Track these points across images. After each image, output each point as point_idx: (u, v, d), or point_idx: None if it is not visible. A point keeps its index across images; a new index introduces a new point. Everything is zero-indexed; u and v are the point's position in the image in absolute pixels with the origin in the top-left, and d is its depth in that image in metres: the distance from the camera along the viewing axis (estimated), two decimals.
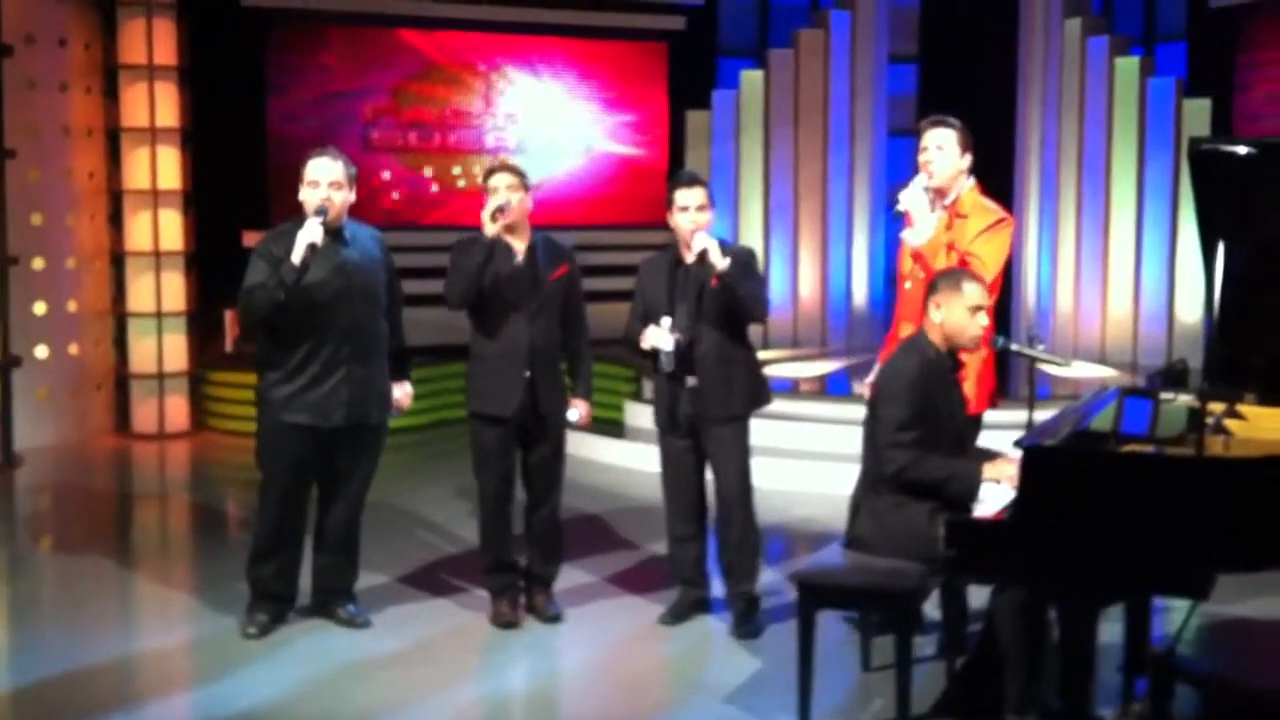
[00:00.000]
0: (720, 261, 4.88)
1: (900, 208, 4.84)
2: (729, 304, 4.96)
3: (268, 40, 10.54)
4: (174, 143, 9.34)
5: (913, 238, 4.81)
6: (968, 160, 4.90)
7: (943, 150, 4.85)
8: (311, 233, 4.76)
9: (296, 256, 4.74)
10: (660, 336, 4.96)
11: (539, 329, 5.11)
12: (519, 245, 5.09)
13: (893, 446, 4.20)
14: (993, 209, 4.89)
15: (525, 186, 5.08)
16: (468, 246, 5.07)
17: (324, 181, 4.89)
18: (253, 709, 4.38)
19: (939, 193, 4.87)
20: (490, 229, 4.97)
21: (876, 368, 5.01)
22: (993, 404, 4.92)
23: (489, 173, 5.12)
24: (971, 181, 4.92)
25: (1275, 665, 4.91)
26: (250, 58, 10.42)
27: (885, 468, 4.22)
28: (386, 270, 5.13)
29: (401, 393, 5.27)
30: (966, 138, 4.90)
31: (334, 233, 4.92)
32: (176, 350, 9.38)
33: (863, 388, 5.14)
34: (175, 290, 9.37)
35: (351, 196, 4.99)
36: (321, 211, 4.82)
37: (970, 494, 4.09)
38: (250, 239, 8.86)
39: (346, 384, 4.94)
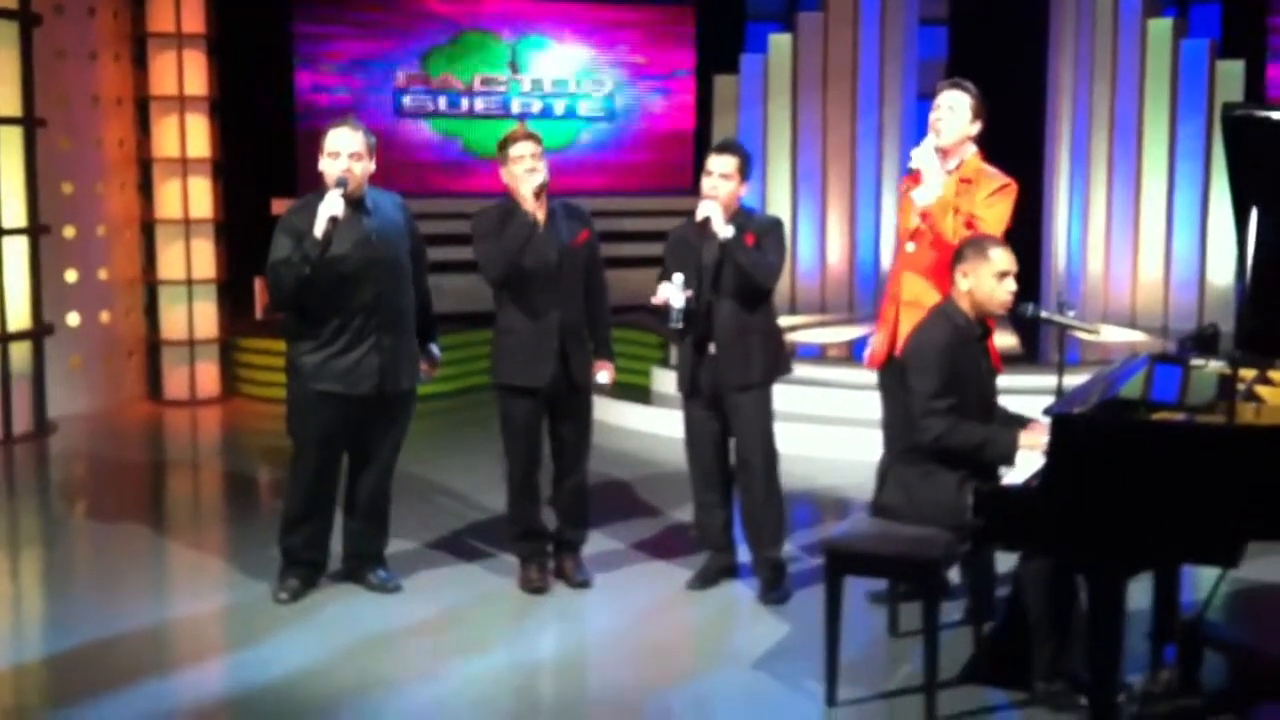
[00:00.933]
0: (722, 230, 4.87)
1: (913, 164, 4.82)
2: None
3: (295, 9, 10.55)
4: (203, 111, 9.36)
5: (921, 196, 4.78)
6: (977, 127, 4.89)
7: (954, 111, 4.84)
8: (332, 205, 4.75)
9: (318, 230, 4.74)
10: (671, 291, 4.94)
11: (567, 298, 5.11)
12: (540, 214, 5.07)
13: (928, 415, 4.20)
14: (998, 174, 4.88)
15: (543, 154, 5.08)
16: (492, 219, 5.05)
17: (344, 152, 4.87)
18: (285, 675, 4.43)
19: (943, 154, 4.85)
20: (532, 206, 4.96)
21: (873, 338, 5.00)
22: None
23: (510, 140, 5.09)
24: (975, 149, 4.90)
25: None
26: (278, 26, 10.44)
27: (922, 436, 4.21)
28: (411, 236, 5.11)
29: (429, 359, 5.28)
30: (980, 104, 4.88)
31: (355, 203, 4.91)
32: (207, 317, 9.44)
33: (870, 358, 5.13)
34: (205, 258, 9.42)
35: (372, 166, 4.97)
36: (342, 183, 4.81)
37: (1007, 459, 4.09)
38: (279, 207, 8.90)
39: (375, 353, 4.94)
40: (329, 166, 4.88)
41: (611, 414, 8.37)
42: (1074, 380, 4.31)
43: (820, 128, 11.03)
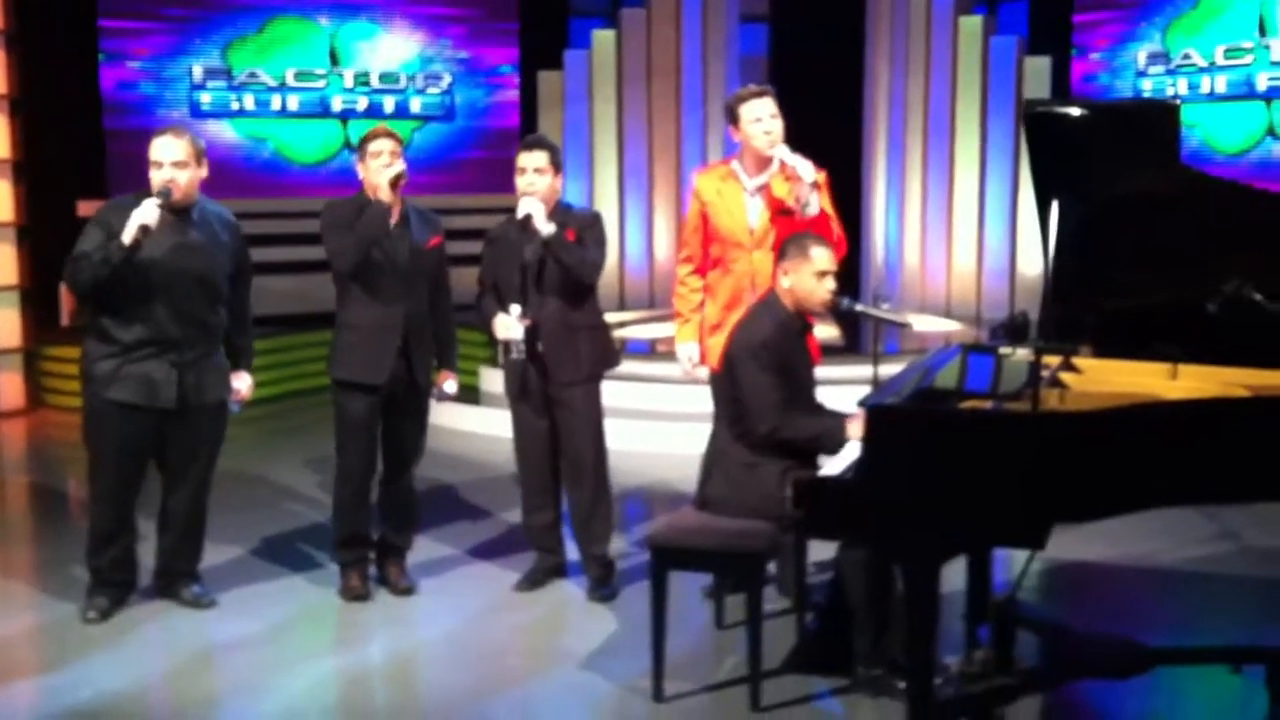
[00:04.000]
0: (544, 227, 4.85)
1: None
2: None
3: (99, 3, 10.14)
4: (3, 110, 8.93)
5: (814, 209, 4.79)
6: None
7: (777, 118, 4.87)
8: (146, 214, 4.59)
9: (127, 236, 4.58)
10: (510, 326, 4.94)
11: (413, 298, 5.05)
12: (393, 205, 5.00)
13: (764, 407, 4.24)
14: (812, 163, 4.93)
15: (402, 153, 5.04)
16: (345, 210, 4.97)
17: (166, 161, 4.73)
18: (97, 697, 4.25)
19: (766, 161, 4.88)
20: (388, 196, 4.90)
21: (712, 339, 5.00)
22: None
23: (369, 137, 5.03)
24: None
25: (1109, 608, 5.11)
26: (82, 19, 10.03)
27: (758, 428, 4.25)
28: (234, 258, 4.97)
29: (244, 385, 5.14)
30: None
31: (181, 211, 4.77)
32: (9, 325, 9.03)
33: (693, 366, 5.15)
34: (7, 263, 9.00)
35: (202, 173, 4.84)
36: (164, 193, 4.67)
37: (839, 448, 4.16)
38: (86, 209, 8.56)
39: (178, 366, 4.80)
40: (153, 175, 4.75)
41: (440, 415, 8.24)
42: (891, 370, 4.41)
43: (646, 123, 11.09)
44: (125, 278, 4.64)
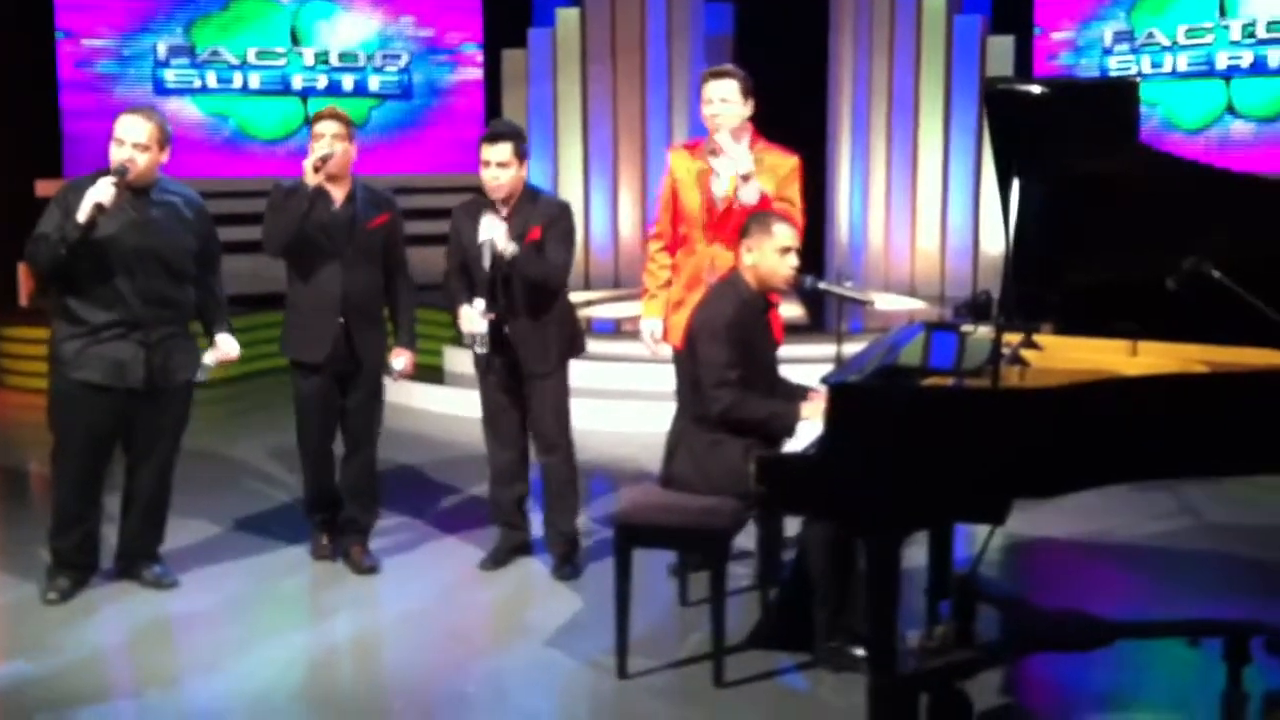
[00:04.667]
0: (507, 249, 4.84)
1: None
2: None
3: None
4: None
5: (750, 197, 4.79)
6: (750, 106, 4.90)
7: (727, 102, 4.86)
8: (101, 192, 4.54)
9: (82, 215, 4.53)
10: (474, 320, 4.93)
11: (354, 277, 5.05)
12: (338, 193, 5.03)
13: (718, 386, 4.25)
14: (783, 152, 4.94)
15: (350, 136, 5.03)
16: (287, 193, 4.96)
17: (128, 140, 4.69)
18: (55, 674, 4.22)
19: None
20: (312, 179, 4.88)
21: (674, 317, 4.99)
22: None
23: (316, 118, 5.04)
24: (749, 128, 4.94)
25: (1069, 583, 5.16)
26: None
27: (711, 407, 4.26)
28: (199, 237, 4.92)
29: (230, 347, 5.05)
30: (748, 86, 4.90)
31: (141, 191, 4.73)
32: None
33: (655, 343, 5.15)
34: None
35: (163, 157, 4.80)
36: (121, 171, 4.63)
37: (789, 431, 4.17)
38: (44, 189, 8.47)
39: (144, 346, 4.76)
40: (113, 152, 4.70)
41: (404, 395, 8.23)
42: (855, 349, 4.42)
43: (610, 102, 11.06)
44: (85, 257, 4.60)
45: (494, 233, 4.87)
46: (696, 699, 4.03)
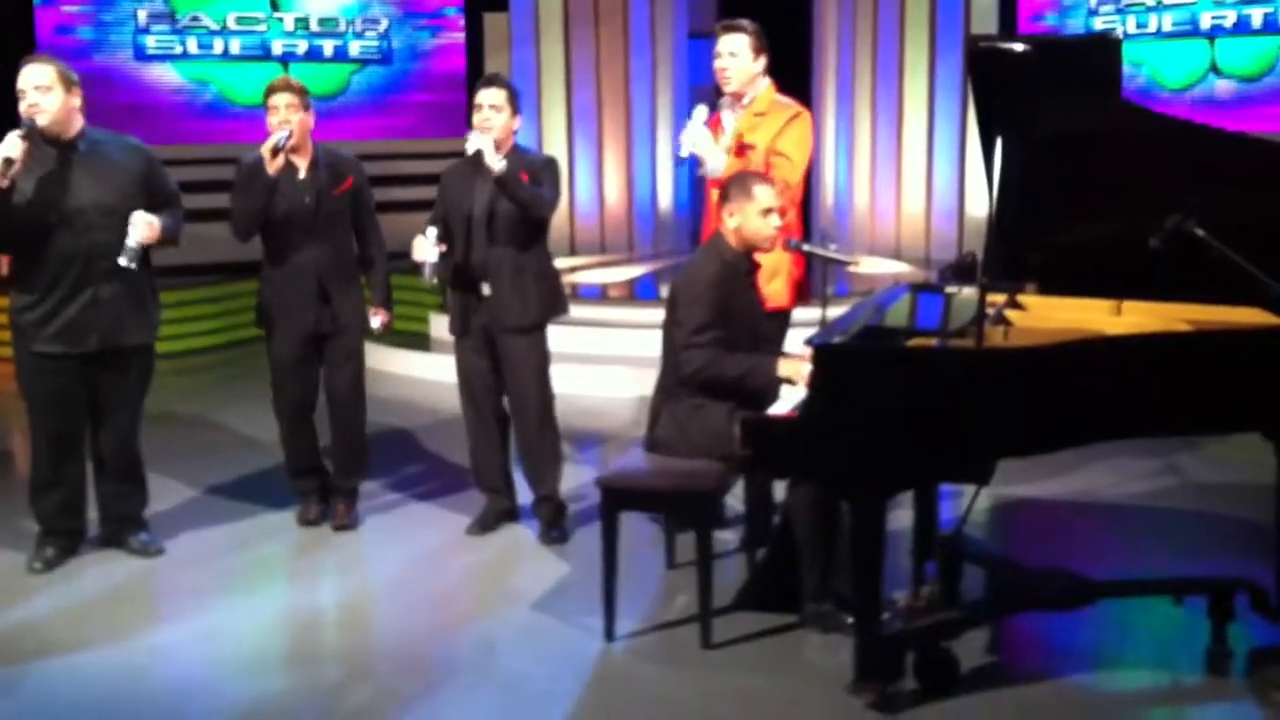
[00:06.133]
0: (495, 164, 4.80)
1: (683, 152, 4.78)
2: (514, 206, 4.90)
3: None
4: None
5: (712, 172, 4.78)
6: (762, 62, 4.89)
7: (736, 56, 4.84)
8: (6, 147, 4.40)
9: None
10: (424, 249, 4.89)
11: (326, 246, 5.05)
12: (301, 163, 5.00)
13: (690, 348, 4.24)
14: (788, 104, 4.92)
15: (306, 105, 4.98)
16: (250, 173, 4.92)
17: (29, 87, 4.56)
18: (39, 648, 4.21)
19: (736, 96, 4.88)
20: (272, 167, 4.84)
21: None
22: (801, 300, 4.99)
23: (269, 90, 4.98)
24: (768, 82, 4.93)
25: (1053, 543, 5.18)
26: None
27: (683, 369, 4.25)
28: (148, 181, 4.78)
29: (136, 230, 4.70)
30: (760, 39, 4.88)
31: (67, 144, 4.62)
32: None
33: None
34: None
35: (74, 101, 4.63)
36: (27, 124, 4.50)
37: (768, 387, 4.15)
38: None
39: (94, 306, 4.68)
40: (20, 108, 4.56)
41: (388, 361, 8.23)
42: (840, 312, 4.41)
43: (594, 66, 10.99)
44: (21, 220, 4.52)
45: (482, 143, 4.82)
46: (684, 661, 4.04)
